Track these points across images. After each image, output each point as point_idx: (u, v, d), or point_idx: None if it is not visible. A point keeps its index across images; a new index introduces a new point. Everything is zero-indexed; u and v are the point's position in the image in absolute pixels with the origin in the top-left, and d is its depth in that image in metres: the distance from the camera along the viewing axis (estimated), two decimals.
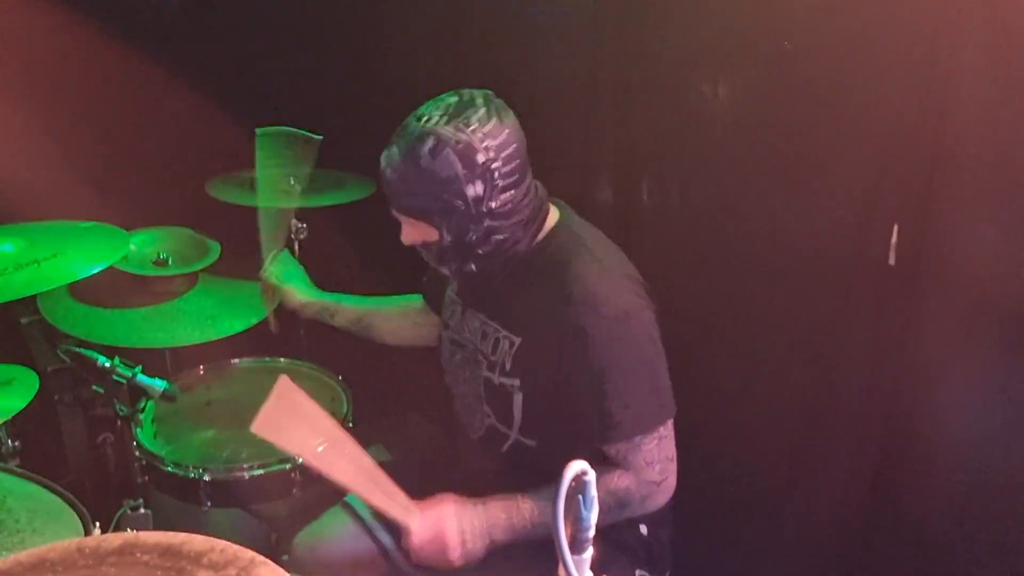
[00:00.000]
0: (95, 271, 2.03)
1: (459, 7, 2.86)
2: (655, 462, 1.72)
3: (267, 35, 3.32)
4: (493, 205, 1.67)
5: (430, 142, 1.63)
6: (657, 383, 1.74)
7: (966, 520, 1.80)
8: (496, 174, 1.65)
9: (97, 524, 1.74)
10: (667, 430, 1.74)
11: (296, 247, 2.92)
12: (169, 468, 2.12)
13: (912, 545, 1.93)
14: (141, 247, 2.63)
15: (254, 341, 2.50)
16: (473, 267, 1.77)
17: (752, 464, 2.25)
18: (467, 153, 1.62)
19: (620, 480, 1.71)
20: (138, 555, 0.64)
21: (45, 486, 1.84)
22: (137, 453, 2.16)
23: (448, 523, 1.68)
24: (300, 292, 2.28)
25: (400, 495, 1.72)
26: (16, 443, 2.14)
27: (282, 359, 2.52)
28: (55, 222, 2.29)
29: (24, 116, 2.77)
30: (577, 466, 1.03)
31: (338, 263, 3.08)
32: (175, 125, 3.13)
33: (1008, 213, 1.65)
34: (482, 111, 1.65)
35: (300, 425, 1.70)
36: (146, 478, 2.16)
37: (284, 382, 1.72)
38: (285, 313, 2.39)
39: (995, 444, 1.73)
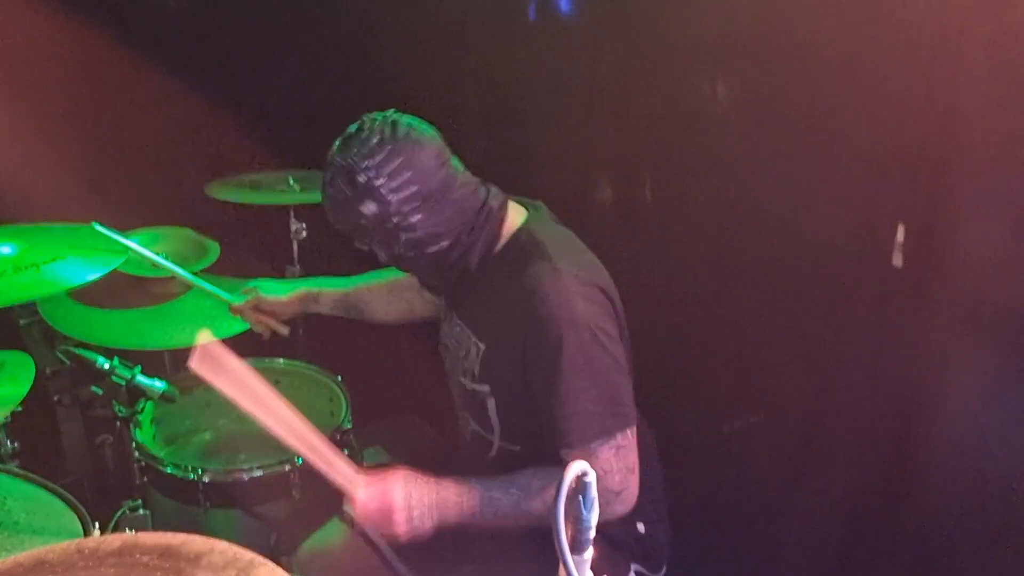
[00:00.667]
0: (94, 277, 2.03)
1: (458, 7, 2.86)
2: (613, 471, 1.69)
3: (266, 35, 3.32)
4: (397, 220, 1.73)
5: (328, 173, 1.78)
6: (607, 391, 1.70)
7: (969, 520, 1.80)
8: (384, 190, 1.71)
9: (96, 525, 1.74)
10: (625, 439, 1.70)
11: (295, 247, 2.93)
12: (168, 469, 2.11)
13: (914, 545, 1.93)
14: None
15: (253, 342, 2.49)
16: (433, 280, 1.87)
17: (753, 464, 2.25)
18: (349, 177, 1.73)
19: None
20: (137, 556, 0.64)
21: (45, 487, 1.84)
22: (136, 454, 2.16)
23: (395, 494, 1.68)
24: (272, 292, 2.23)
25: (343, 463, 1.73)
26: (15, 444, 2.13)
27: (281, 360, 2.52)
28: (54, 224, 2.28)
29: (23, 117, 2.77)
30: (578, 467, 1.03)
31: (338, 262, 3.08)
32: (174, 126, 3.13)
33: (1013, 213, 1.65)
34: (363, 136, 1.75)
35: (238, 373, 1.68)
36: (145, 479, 2.16)
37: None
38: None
39: (999, 444, 1.73)
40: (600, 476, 1.66)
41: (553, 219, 1.88)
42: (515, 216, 1.82)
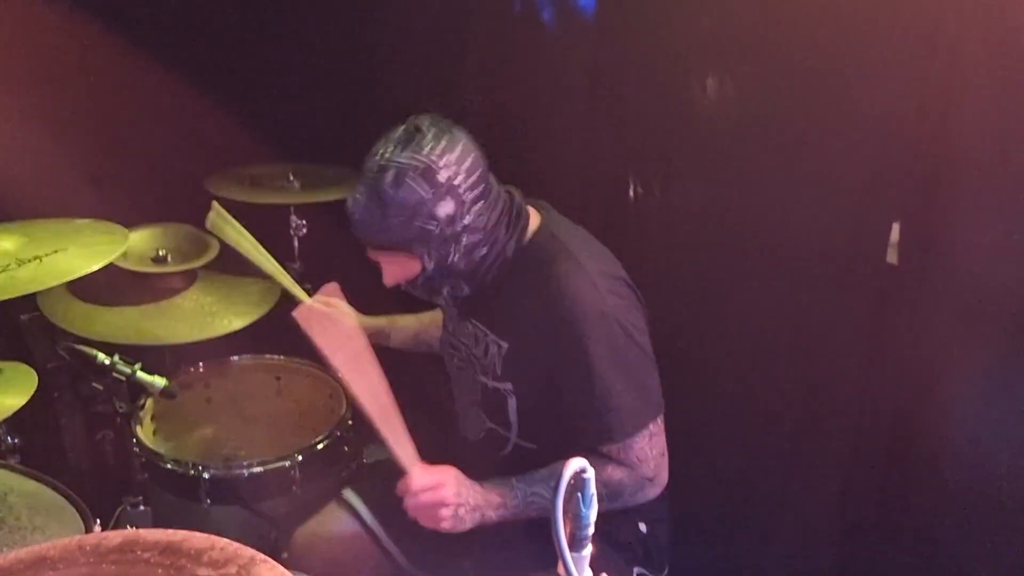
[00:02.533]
0: (97, 268, 2.02)
1: (459, 7, 2.86)
2: (647, 459, 1.74)
3: (266, 31, 3.31)
4: (467, 220, 1.68)
5: (391, 174, 1.64)
6: (641, 382, 1.74)
7: (968, 520, 1.80)
8: (462, 188, 1.66)
9: (97, 521, 1.74)
10: (657, 427, 1.75)
11: (296, 244, 2.93)
12: (169, 465, 2.12)
13: (913, 545, 1.93)
14: (140, 245, 2.63)
15: (253, 339, 2.50)
16: (465, 288, 1.79)
17: (750, 463, 2.25)
18: (428, 175, 1.63)
19: (614, 473, 1.72)
20: (139, 552, 0.64)
21: (46, 483, 1.84)
22: (137, 450, 2.16)
23: (448, 486, 1.68)
24: (347, 313, 2.14)
25: (409, 443, 1.73)
26: (16, 440, 2.14)
27: (282, 356, 2.52)
28: (54, 220, 2.28)
29: (23, 113, 2.77)
30: (576, 464, 1.04)
31: (339, 260, 3.08)
32: (174, 121, 3.13)
33: (1010, 210, 1.65)
34: (431, 133, 1.67)
35: (337, 330, 1.74)
36: (146, 475, 2.16)
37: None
38: (283, 305, 2.38)
39: (997, 443, 1.73)
40: (635, 465, 1.74)
41: (563, 217, 1.88)
42: (533, 217, 1.82)
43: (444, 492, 1.67)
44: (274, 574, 0.72)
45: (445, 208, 1.65)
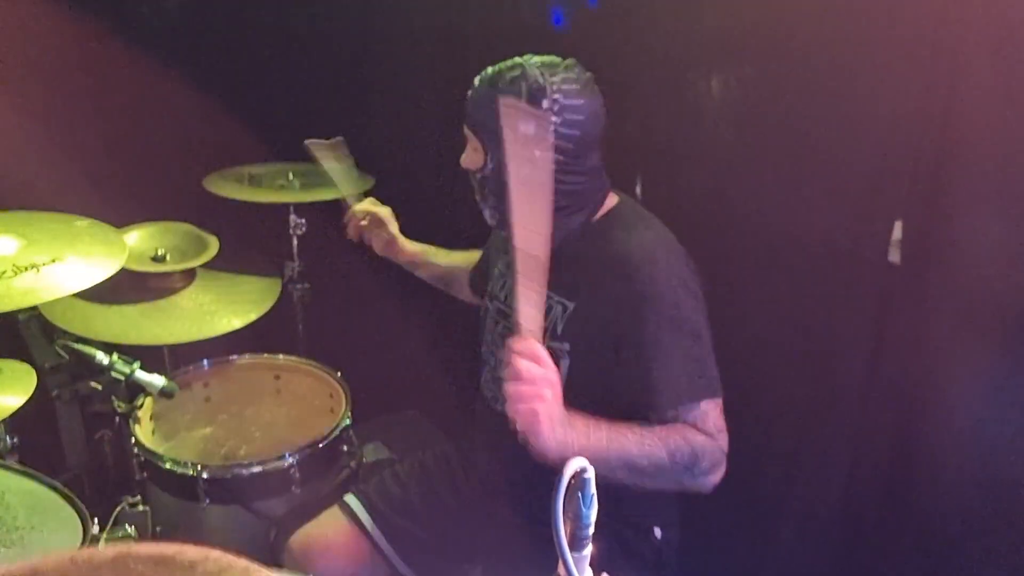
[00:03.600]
0: (94, 284, 2.02)
1: (459, 6, 2.86)
2: (723, 430, 1.72)
3: (265, 31, 3.31)
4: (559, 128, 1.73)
5: (516, 71, 1.75)
6: (709, 350, 1.76)
7: (970, 519, 1.80)
8: (550, 127, 1.70)
9: (95, 520, 1.73)
10: (721, 403, 1.75)
11: (295, 242, 2.93)
12: (167, 465, 2.11)
13: (917, 545, 1.93)
14: (139, 243, 2.63)
15: (252, 338, 2.50)
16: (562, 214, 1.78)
17: (752, 463, 2.24)
18: (535, 93, 1.71)
19: (696, 436, 1.67)
20: (132, 565, 0.64)
21: (44, 482, 1.84)
22: (135, 450, 2.16)
23: (556, 386, 1.53)
24: (393, 224, 2.28)
25: (541, 310, 1.60)
26: (14, 439, 2.13)
27: (281, 356, 2.52)
28: (52, 215, 2.27)
29: (22, 111, 2.76)
30: (576, 463, 1.03)
31: (339, 258, 3.08)
32: (173, 120, 3.12)
33: (1012, 209, 1.64)
34: (572, 74, 1.75)
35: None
36: (144, 475, 2.16)
37: None
38: (282, 304, 2.37)
39: (999, 442, 1.72)
40: (714, 435, 1.70)
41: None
42: (611, 198, 1.88)
43: (544, 398, 1.51)
44: None
45: (527, 127, 1.70)
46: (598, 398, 1.76)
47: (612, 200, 1.87)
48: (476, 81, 1.81)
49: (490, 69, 1.80)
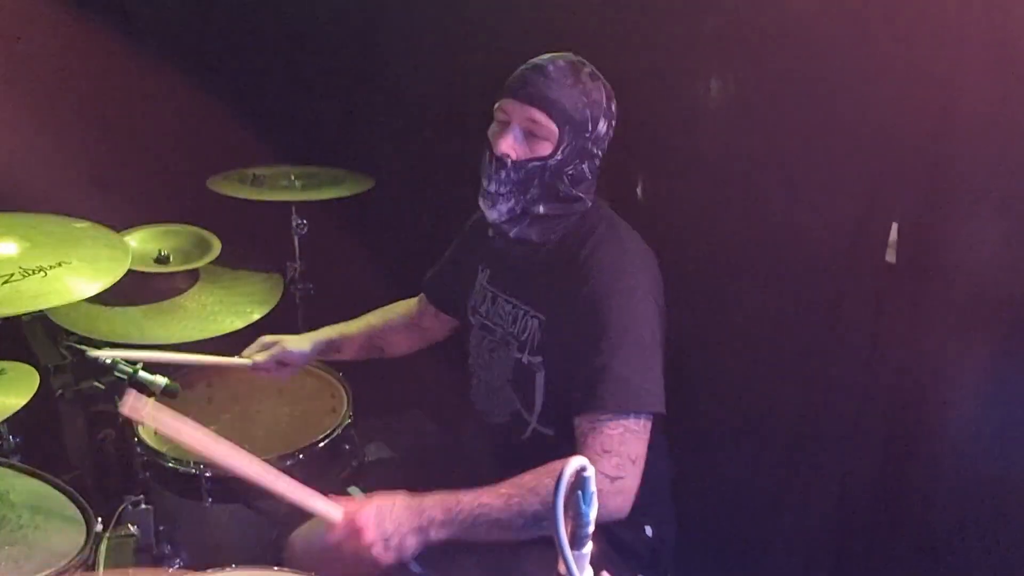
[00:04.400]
0: (100, 288, 2.03)
1: (461, 6, 2.86)
2: (612, 454, 1.61)
3: (268, 32, 3.32)
4: (596, 151, 1.78)
5: (590, 68, 1.78)
6: (646, 368, 1.68)
7: (966, 518, 1.80)
8: (611, 130, 1.79)
9: (99, 520, 1.74)
10: (638, 426, 1.65)
11: (296, 243, 2.94)
12: (170, 464, 2.12)
13: (913, 544, 1.93)
14: (142, 245, 2.64)
15: (255, 338, 2.50)
16: (541, 209, 1.77)
17: (749, 462, 2.25)
18: (609, 96, 1.79)
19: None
20: None
21: (48, 482, 1.85)
22: (138, 449, 2.17)
23: (364, 529, 1.57)
24: (296, 344, 2.19)
25: (317, 494, 1.63)
26: (18, 439, 2.14)
27: None
28: (51, 217, 2.28)
29: (25, 112, 2.77)
30: (576, 462, 1.04)
31: (339, 257, 3.09)
32: (176, 121, 3.13)
33: (1009, 210, 1.65)
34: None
35: (189, 423, 1.60)
36: (147, 474, 2.17)
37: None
38: (284, 304, 2.38)
39: (996, 442, 1.73)
40: (596, 456, 1.59)
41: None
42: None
43: (364, 536, 1.57)
44: None
45: (603, 126, 1.77)
46: (566, 414, 1.75)
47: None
48: (548, 65, 1.75)
49: (556, 56, 1.77)
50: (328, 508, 1.61)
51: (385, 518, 1.59)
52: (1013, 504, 1.70)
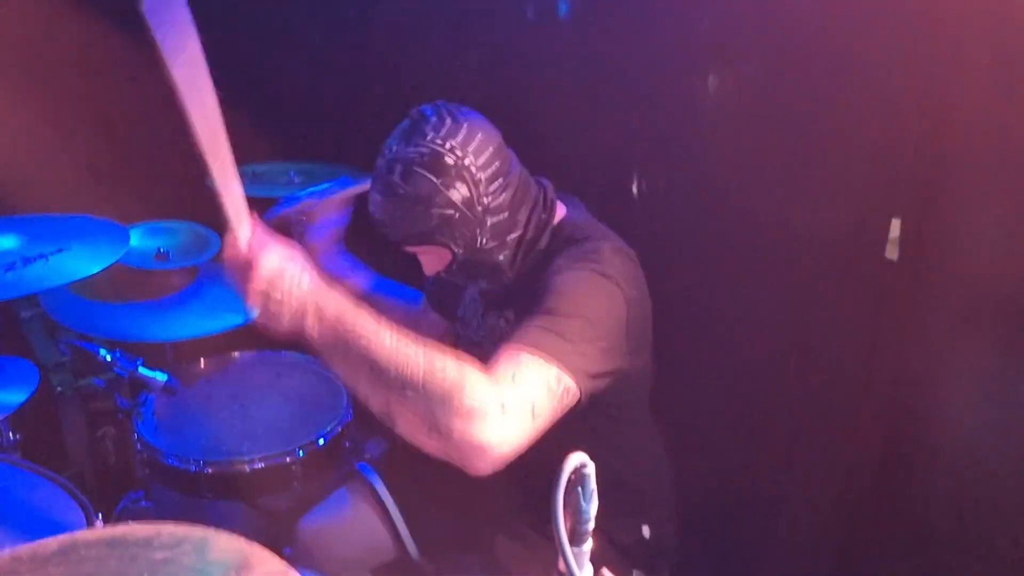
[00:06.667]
0: (103, 268, 2.03)
1: (456, 4, 2.86)
2: (520, 385, 1.44)
3: (267, 28, 3.31)
4: (487, 201, 1.65)
5: (398, 169, 1.63)
6: (588, 340, 1.54)
7: (966, 516, 1.80)
8: (473, 170, 1.63)
9: (99, 516, 1.74)
10: (555, 383, 1.49)
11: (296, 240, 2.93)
12: (170, 461, 2.12)
13: (912, 541, 1.93)
14: (142, 241, 2.63)
15: (254, 335, 2.50)
16: (506, 272, 1.74)
17: (749, 460, 2.25)
18: (434, 162, 1.61)
19: (474, 371, 1.41)
20: (82, 552, 0.63)
21: (48, 478, 1.85)
22: (138, 446, 2.17)
23: (265, 264, 1.43)
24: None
25: (242, 198, 1.50)
26: (17, 436, 2.14)
27: (283, 352, 2.52)
28: (52, 215, 2.29)
29: (24, 108, 2.77)
30: (577, 458, 1.04)
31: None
32: (176, 118, 3.12)
33: (1010, 206, 1.65)
34: (433, 120, 1.64)
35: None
36: (147, 471, 2.17)
37: None
38: None
39: (996, 439, 1.73)
40: (498, 376, 1.42)
41: (591, 214, 1.85)
42: (559, 209, 1.80)
43: (251, 274, 1.43)
44: (231, 544, 0.72)
45: (459, 192, 1.62)
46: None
47: (560, 211, 1.79)
48: (373, 209, 1.68)
49: (373, 191, 1.68)
50: (240, 220, 1.47)
51: (283, 277, 1.43)
52: (1013, 504, 1.70)
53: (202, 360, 2.49)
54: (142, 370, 2.02)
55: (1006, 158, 1.63)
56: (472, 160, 1.62)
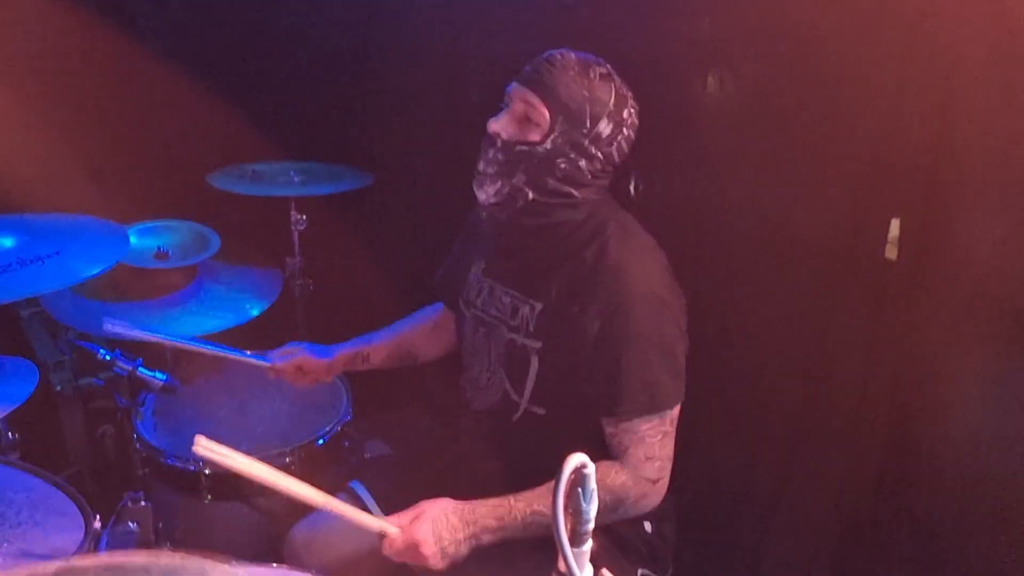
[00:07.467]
0: (99, 272, 2.03)
1: (459, 4, 2.86)
2: (655, 458, 1.72)
3: (267, 27, 3.32)
4: (596, 152, 1.72)
5: (604, 69, 1.75)
6: (674, 367, 1.75)
7: (966, 516, 1.80)
8: (620, 136, 1.74)
9: (98, 516, 1.74)
10: (670, 425, 1.74)
11: (296, 238, 2.93)
12: (169, 461, 2.12)
13: (913, 542, 1.93)
14: (142, 241, 2.64)
15: (254, 333, 2.50)
16: (531, 195, 1.74)
17: (750, 460, 2.25)
18: (620, 101, 1.74)
19: (616, 476, 1.70)
20: None
21: (46, 479, 1.85)
22: (137, 446, 2.16)
23: (423, 542, 1.64)
24: (319, 354, 2.18)
25: (367, 514, 1.71)
26: (16, 436, 2.14)
27: None
28: (52, 215, 2.29)
29: (24, 108, 2.77)
30: (577, 459, 1.04)
31: (339, 254, 3.09)
32: (177, 118, 3.13)
33: (1010, 206, 1.65)
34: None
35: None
36: (146, 471, 2.17)
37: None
38: (284, 300, 2.37)
39: (995, 439, 1.73)
40: (640, 463, 1.71)
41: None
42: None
43: (423, 549, 1.63)
44: (227, 574, 0.71)
45: (604, 128, 1.72)
46: (565, 399, 1.79)
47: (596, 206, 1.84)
48: (559, 55, 1.74)
49: (569, 53, 1.75)
50: (384, 524, 1.67)
51: (441, 530, 1.65)
52: (1013, 504, 1.70)
53: (201, 359, 2.49)
54: (141, 370, 2.02)
55: (1006, 158, 1.63)
56: (626, 134, 1.76)
